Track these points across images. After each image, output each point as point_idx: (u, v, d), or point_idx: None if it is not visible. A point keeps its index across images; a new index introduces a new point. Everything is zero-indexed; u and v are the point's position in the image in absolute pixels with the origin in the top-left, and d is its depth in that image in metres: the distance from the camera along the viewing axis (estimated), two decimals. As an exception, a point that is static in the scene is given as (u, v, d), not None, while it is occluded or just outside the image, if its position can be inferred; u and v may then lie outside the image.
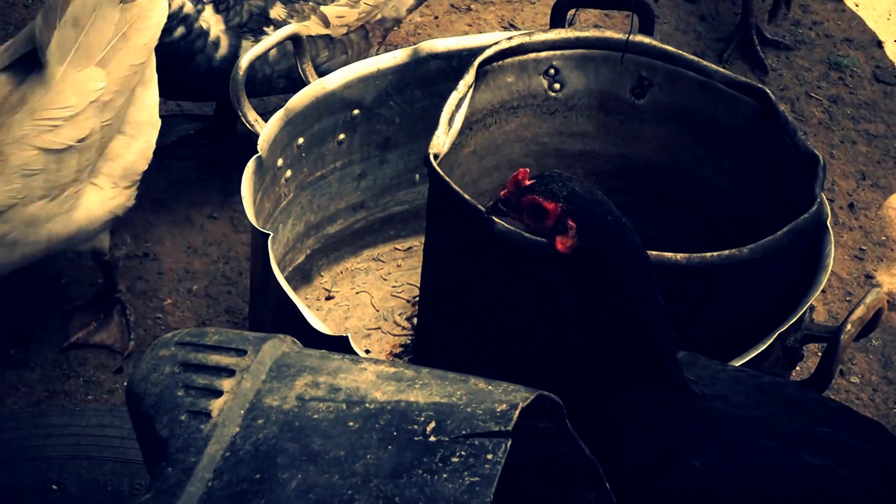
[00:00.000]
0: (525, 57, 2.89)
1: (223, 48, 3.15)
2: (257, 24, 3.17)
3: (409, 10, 3.42)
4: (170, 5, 3.05)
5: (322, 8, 3.24)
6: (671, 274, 2.43)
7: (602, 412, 2.18)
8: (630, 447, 2.15)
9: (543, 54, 2.91)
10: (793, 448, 2.15)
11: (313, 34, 3.22)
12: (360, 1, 3.28)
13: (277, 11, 3.19)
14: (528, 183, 2.19)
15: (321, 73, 3.02)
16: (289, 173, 2.94)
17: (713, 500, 2.13)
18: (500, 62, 2.87)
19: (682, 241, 2.74)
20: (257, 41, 3.16)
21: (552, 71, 2.92)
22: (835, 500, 2.14)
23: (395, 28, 3.52)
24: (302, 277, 3.12)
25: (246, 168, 2.75)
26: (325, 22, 3.23)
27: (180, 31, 3.12)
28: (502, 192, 2.23)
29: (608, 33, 2.93)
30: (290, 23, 3.18)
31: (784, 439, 2.16)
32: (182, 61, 3.15)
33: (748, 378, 2.28)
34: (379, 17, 3.33)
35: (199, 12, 3.12)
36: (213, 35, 3.14)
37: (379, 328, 3.11)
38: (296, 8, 3.20)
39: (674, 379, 2.17)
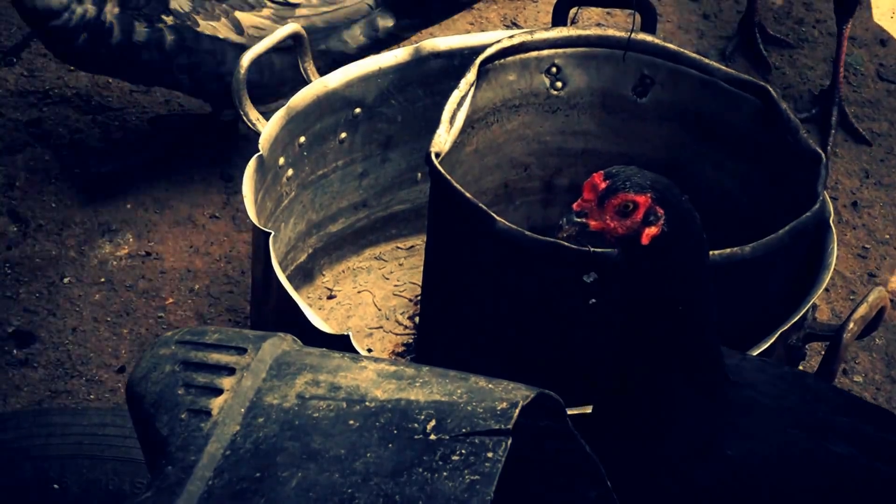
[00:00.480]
0: (527, 55, 2.89)
1: (116, 34, 3.19)
2: (154, 11, 3.19)
3: (362, 48, 3.31)
4: (73, 14, 3.15)
5: (237, 13, 3.22)
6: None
7: (643, 403, 2.14)
8: (671, 436, 2.13)
9: (545, 53, 2.90)
10: (818, 437, 2.15)
11: (221, 37, 3.21)
12: (287, 20, 3.23)
13: (179, 2, 3.19)
14: (605, 185, 2.08)
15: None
16: (290, 172, 2.94)
17: (745, 489, 2.12)
18: (502, 60, 2.86)
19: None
20: (151, 27, 3.19)
21: (554, 69, 2.92)
22: (860, 489, 2.14)
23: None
24: (304, 276, 3.12)
25: (247, 167, 2.75)
26: (238, 28, 3.21)
27: (83, 36, 3.19)
28: (575, 205, 2.09)
29: (610, 31, 2.92)
30: (193, 18, 3.19)
31: (810, 428, 2.16)
32: (87, 55, 3.24)
33: (770, 368, 2.28)
34: (322, 47, 3.27)
35: (100, 10, 3.18)
36: (107, 22, 3.19)
37: (381, 327, 3.10)
38: (203, 5, 3.20)
39: (717, 366, 2.15)
